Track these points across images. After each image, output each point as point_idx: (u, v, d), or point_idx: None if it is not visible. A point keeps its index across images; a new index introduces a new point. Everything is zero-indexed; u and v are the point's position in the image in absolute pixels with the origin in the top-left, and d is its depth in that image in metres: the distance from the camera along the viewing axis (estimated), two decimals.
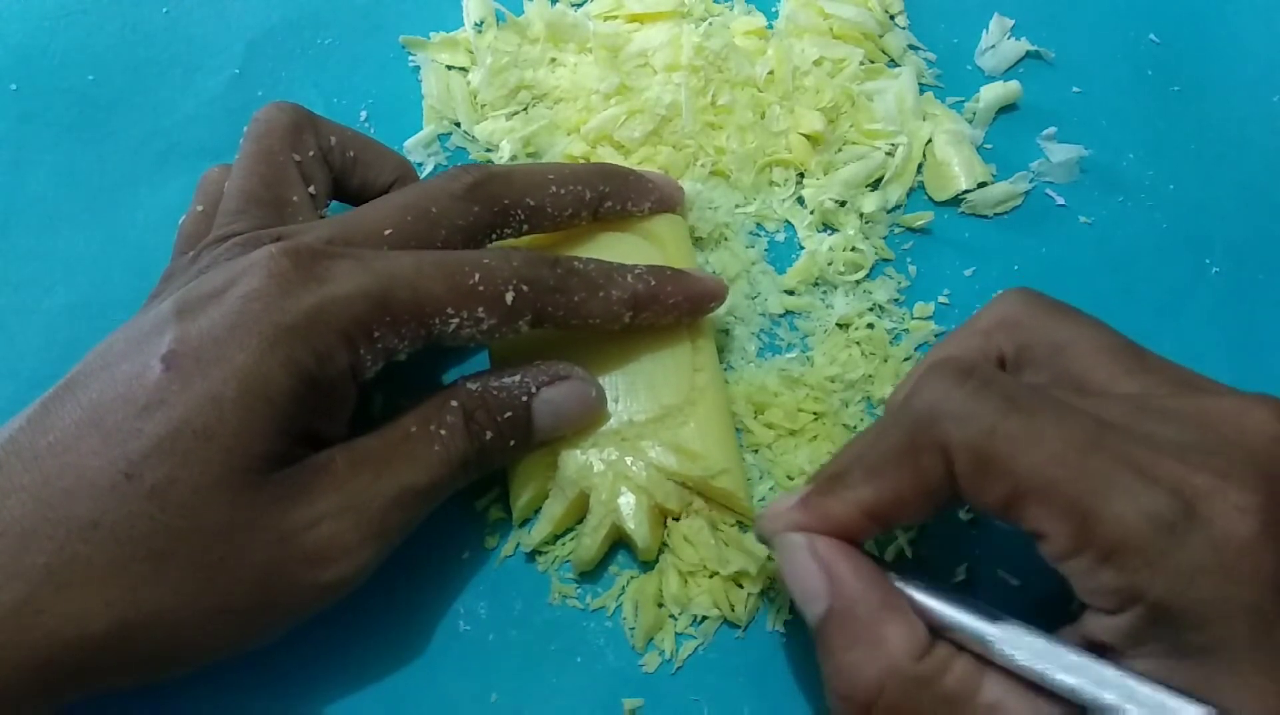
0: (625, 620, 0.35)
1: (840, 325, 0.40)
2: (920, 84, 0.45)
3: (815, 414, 0.38)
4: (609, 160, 0.42)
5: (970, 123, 0.45)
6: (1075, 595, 0.26)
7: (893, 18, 0.47)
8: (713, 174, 0.43)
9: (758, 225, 0.43)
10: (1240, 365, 0.41)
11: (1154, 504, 0.24)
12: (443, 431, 0.32)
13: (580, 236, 0.38)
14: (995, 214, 0.44)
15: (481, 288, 0.32)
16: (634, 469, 0.34)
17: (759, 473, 0.37)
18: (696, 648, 0.35)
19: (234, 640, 0.29)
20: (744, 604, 0.35)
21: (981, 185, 0.43)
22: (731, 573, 0.34)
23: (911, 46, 0.47)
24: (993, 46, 0.47)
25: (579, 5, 0.47)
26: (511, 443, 0.33)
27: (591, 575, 0.36)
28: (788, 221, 0.43)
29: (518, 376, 0.34)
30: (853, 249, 0.42)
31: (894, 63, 0.46)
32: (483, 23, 0.46)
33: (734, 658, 0.35)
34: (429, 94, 0.45)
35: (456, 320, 0.31)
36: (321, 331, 0.29)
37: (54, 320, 0.40)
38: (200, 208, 0.36)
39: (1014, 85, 0.45)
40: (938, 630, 0.28)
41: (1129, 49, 0.48)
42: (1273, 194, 0.45)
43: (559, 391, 0.34)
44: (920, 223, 0.43)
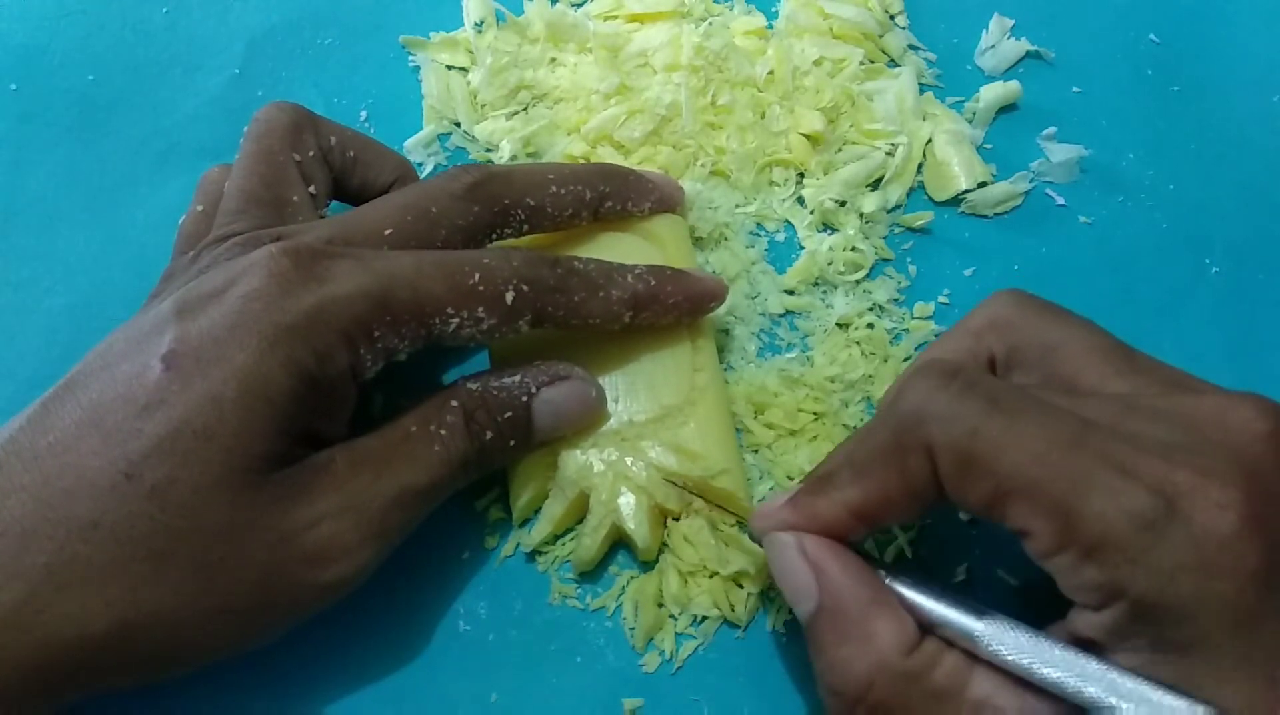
0: (625, 620, 0.35)
1: (840, 325, 0.40)
2: (920, 84, 0.45)
3: (815, 414, 0.38)
4: (609, 160, 0.42)
5: (970, 123, 0.45)
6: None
7: (893, 18, 0.47)
8: (713, 174, 0.43)
9: (758, 225, 0.43)
10: (1240, 365, 0.41)
11: (1135, 501, 0.24)
12: (443, 431, 0.32)
13: (580, 236, 0.38)
14: (995, 214, 0.44)
15: (481, 288, 0.32)
16: (634, 469, 0.34)
17: (759, 473, 0.37)
18: (696, 648, 0.35)
19: (234, 640, 0.29)
20: (744, 604, 0.35)
21: (981, 185, 0.43)
22: (731, 573, 0.34)
23: (911, 46, 0.47)
24: (993, 46, 0.47)
25: (579, 5, 0.47)
26: (511, 443, 0.33)
27: (591, 575, 0.36)
28: (788, 221, 0.43)
29: (518, 376, 0.34)
30: (853, 249, 0.41)
31: (894, 63, 0.46)
32: (483, 23, 0.46)
33: (734, 658, 0.35)
34: (429, 94, 0.45)
35: (456, 320, 0.31)
36: (321, 331, 0.29)
37: (54, 320, 0.40)
38: (200, 208, 0.36)
39: (1014, 85, 0.45)
40: (927, 627, 0.28)
41: (1129, 49, 0.48)
42: (1273, 194, 0.45)
43: (559, 391, 0.34)
44: (920, 223, 0.43)
